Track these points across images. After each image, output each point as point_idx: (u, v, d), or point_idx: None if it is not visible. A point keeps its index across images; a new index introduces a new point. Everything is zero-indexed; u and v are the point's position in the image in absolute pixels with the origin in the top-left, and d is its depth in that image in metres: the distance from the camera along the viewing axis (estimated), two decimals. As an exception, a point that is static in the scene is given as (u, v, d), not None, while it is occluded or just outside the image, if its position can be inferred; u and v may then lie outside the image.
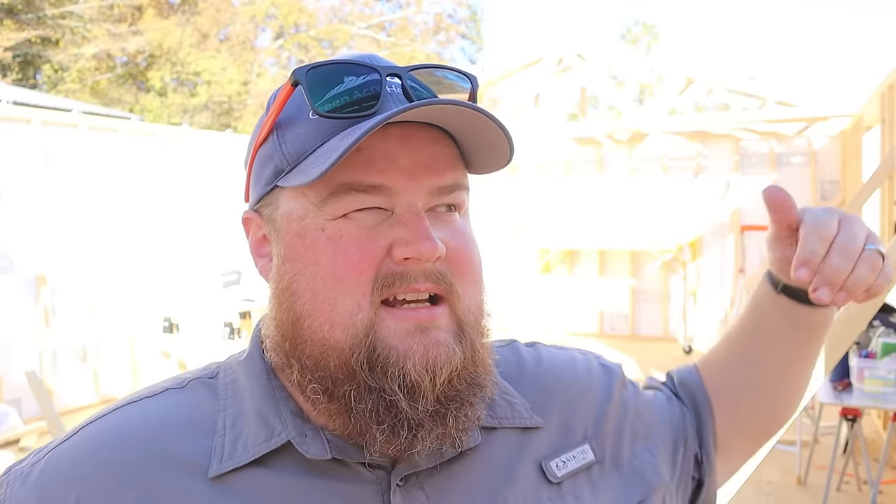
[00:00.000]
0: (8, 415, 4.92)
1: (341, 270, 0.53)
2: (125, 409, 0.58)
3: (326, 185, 0.53)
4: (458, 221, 0.58)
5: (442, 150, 0.56)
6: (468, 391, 0.55)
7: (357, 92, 0.54)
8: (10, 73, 16.90)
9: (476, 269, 0.58)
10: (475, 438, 0.60)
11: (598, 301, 8.67)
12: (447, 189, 0.56)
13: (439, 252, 0.52)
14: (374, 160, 0.53)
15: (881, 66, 8.10)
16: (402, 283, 0.53)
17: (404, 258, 0.52)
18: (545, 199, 8.79)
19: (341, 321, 0.52)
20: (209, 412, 0.58)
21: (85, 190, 5.85)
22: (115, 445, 0.55)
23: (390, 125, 0.53)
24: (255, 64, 20.80)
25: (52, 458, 0.55)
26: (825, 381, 3.35)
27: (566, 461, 0.64)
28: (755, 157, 7.88)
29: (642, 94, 16.85)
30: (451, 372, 0.53)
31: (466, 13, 24.10)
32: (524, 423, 0.64)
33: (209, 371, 0.63)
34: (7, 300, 5.35)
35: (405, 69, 0.56)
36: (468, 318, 0.56)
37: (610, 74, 8.03)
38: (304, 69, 0.54)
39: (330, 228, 0.54)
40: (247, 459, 0.54)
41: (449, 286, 0.55)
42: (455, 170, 0.57)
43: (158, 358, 6.13)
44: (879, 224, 4.99)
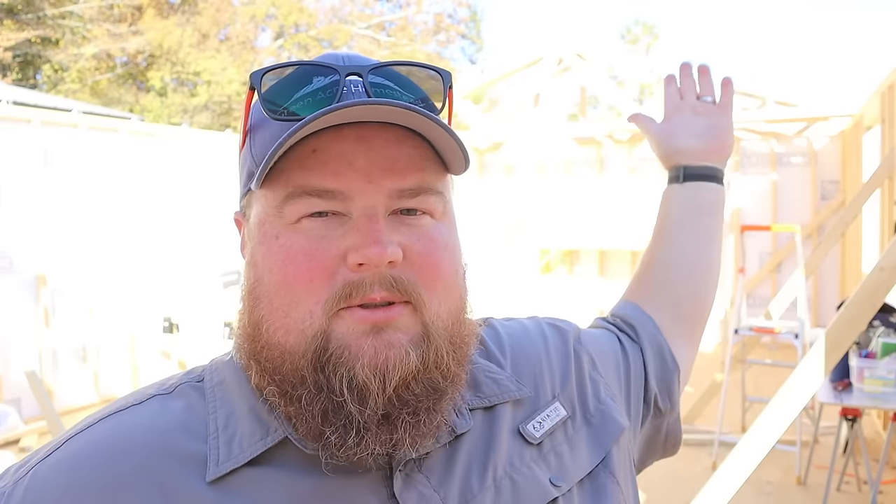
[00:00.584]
0: (8, 415, 4.92)
1: (291, 279, 0.52)
2: (112, 419, 0.56)
3: (283, 186, 0.53)
4: (428, 226, 0.55)
5: (406, 150, 0.54)
6: (426, 396, 0.53)
7: (320, 93, 0.53)
8: (10, 73, 16.90)
9: (446, 275, 0.56)
10: (468, 423, 0.61)
11: (598, 301, 8.67)
12: (409, 192, 0.54)
13: (389, 256, 0.51)
14: (329, 162, 0.52)
15: (881, 66, 8.09)
16: (359, 292, 0.51)
17: (357, 264, 0.51)
18: (545, 199, 8.79)
19: (294, 327, 0.52)
20: (200, 416, 0.56)
21: (85, 190, 5.85)
22: (104, 457, 0.53)
23: (346, 126, 0.53)
24: (255, 64, 20.80)
25: (38, 474, 0.52)
26: (825, 381, 3.35)
27: (541, 421, 0.65)
28: (755, 157, 7.88)
29: (642, 94, 16.86)
30: (403, 376, 0.51)
31: (466, 13, 24.12)
32: (513, 396, 0.65)
33: (194, 374, 0.62)
34: (7, 300, 5.35)
35: (367, 67, 0.55)
36: (436, 324, 0.54)
37: (610, 74, 8.03)
38: (259, 73, 0.54)
39: (283, 236, 0.53)
40: (244, 459, 0.53)
41: (408, 293, 0.53)
42: (421, 172, 0.54)
43: (158, 358, 6.13)
44: (879, 224, 4.99)
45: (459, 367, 0.57)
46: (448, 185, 0.59)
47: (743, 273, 4.81)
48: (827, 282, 7.46)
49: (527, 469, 0.61)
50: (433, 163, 0.56)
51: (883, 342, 3.43)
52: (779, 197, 7.75)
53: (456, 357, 0.56)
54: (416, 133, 0.55)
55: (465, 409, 0.62)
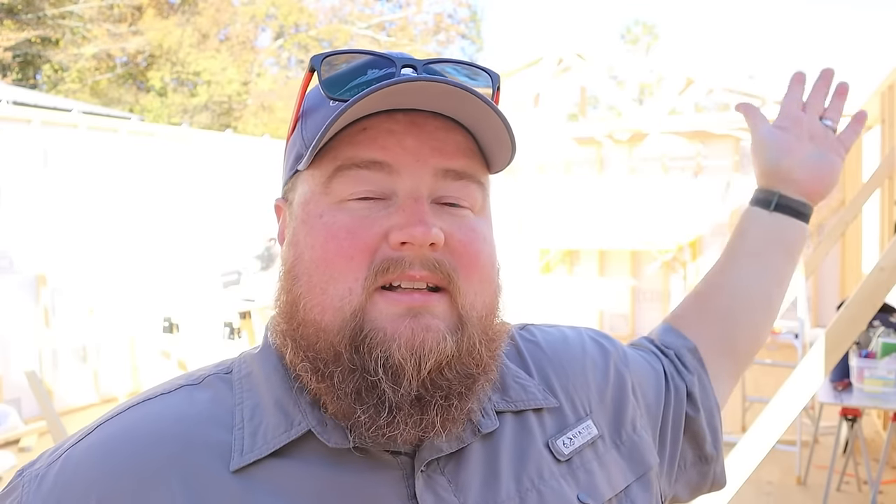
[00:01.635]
0: (8, 415, 4.92)
1: (331, 256, 0.53)
2: (142, 407, 0.57)
3: (331, 161, 0.54)
4: (469, 217, 0.57)
5: (454, 137, 0.55)
6: (459, 382, 0.53)
7: (375, 83, 0.54)
8: (10, 73, 16.90)
9: (484, 267, 0.56)
10: (493, 423, 0.60)
11: (598, 301, 8.67)
12: (454, 174, 0.55)
13: (433, 237, 0.51)
14: (379, 138, 0.53)
15: (881, 66, 8.09)
16: (397, 268, 0.52)
17: (400, 242, 0.52)
18: (545, 199, 8.79)
19: (331, 305, 0.52)
20: (227, 406, 0.57)
21: (85, 190, 5.85)
22: (133, 444, 0.54)
23: (399, 111, 0.54)
24: (255, 64, 20.80)
25: (70, 459, 0.54)
26: (825, 381, 3.35)
27: (572, 437, 0.64)
28: (755, 157, 7.88)
29: (642, 94, 16.85)
30: (439, 360, 0.52)
31: (466, 13, 24.12)
32: (539, 404, 0.64)
33: (224, 367, 0.63)
34: (7, 300, 5.35)
35: (422, 61, 0.56)
36: (471, 315, 0.54)
37: (610, 74, 8.02)
38: (319, 57, 0.55)
39: (327, 214, 0.54)
40: (267, 451, 0.54)
41: (447, 277, 0.53)
42: (467, 158, 0.56)
43: (158, 358, 6.14)
44: (879, 224, 4.99)
45: (491, 358, 0.57)
46: (488, 183, 0.60)
47: (743, 273, 4.81)
48: (827, 282, 7.46)
49: (555, 483, 0.60)
50: (477, 156, 0.57)
51: (883, 342, 3.43)
52: (779, 197, 7.74)
53: (489, 348, 0.56)
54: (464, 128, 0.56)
55: (492, 409, 0.62)
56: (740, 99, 7.45)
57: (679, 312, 0.87)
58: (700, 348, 0.81)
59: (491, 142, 0.56)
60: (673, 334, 0.84)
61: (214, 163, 6.94)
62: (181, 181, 6.61)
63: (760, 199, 0.86)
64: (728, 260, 0.86)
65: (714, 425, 0.79)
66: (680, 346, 0.82)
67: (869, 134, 6.16)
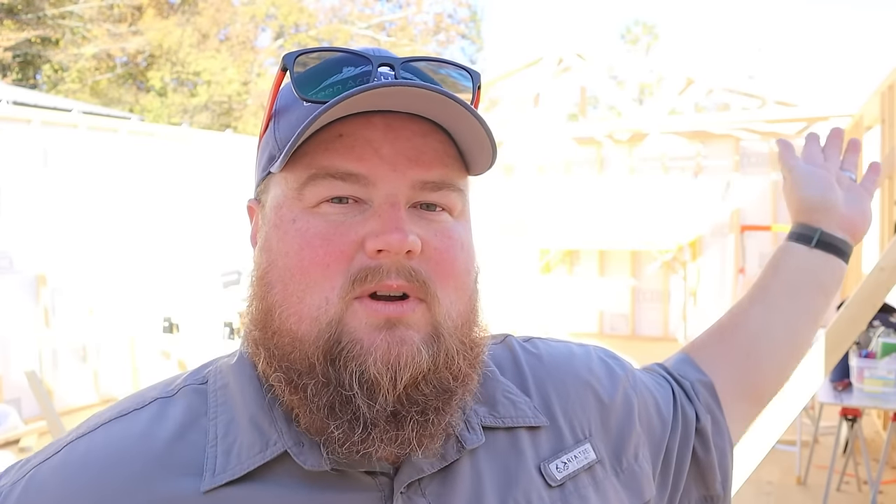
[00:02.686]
0: (8, 415, 4.92)
1: (307, 264, 0.51)
2: (111, 425, 0.56)
3: (305, 168, 0.52)
4: (447, 223, 0.55)
5: (431, 143, 0.53)
6: (435, 396, 0.52)
7: (350, 82, 0.53)
8: (10, 73, 16.90)
9: (459, 275, 0.54)
10: (478, 438, 0.58)
11: (598, 301, 8.67)
12: (432, 185, 0.53)
13: (409, 244, 0.50)
14: (356, 147, 0.52)
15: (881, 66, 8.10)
16: (375, 277, 0.50)
17: (376, 250, 0.50)
18: (545, 199, 8.79)
19: (308, 314, 0.51)
20: (200, 421, 0.55)
21: (85, 190, 5.84)
22: (98, 466, 0.52)
23: (376, 115, 0.52)
24: (255, 64, 20.80)
25: (34, 480, 0.52)
26: (825, 381, 3.35)
27: (567, 462, 0.62)
28: (755, 157, 7.88)
29: (642, 94, 16.85)
30: (414, 374, 0.50)
31: (466, 13, 24.11)
32: (528, 423, 0.62)
33: (200, 376, 0.60)
34: (7, 300, 5.35)
35: (399, 60, 0.54)
36: (447, 324, 0.53)
37: (610, 74, 8.02)
38: (293, 55, 0.53)
39: (300, 220, 0.53)
40: (241, 472, 0.52)
41: (424, 286, 0.52)
42: (445, 167, 0.54)
43: (158, 358, 6.13)
44: (879, 224, 4.99)
45: (471, 368, 0.55)
46: (467, 186, 0.58)
47: (743, 273, 4.81)
48: (827, 282, 7.45)
49: None
50: (456, 161, 0.55)
51: (883, 342, 3.43)
52: (779, 197, 7.75)
53: (467, 358, 0.55)
54: (442, 130, 0.55)
55: (478, 424, 0.60)
56: (740, 99, 7.45)
57: (699, 344, 0.83)
58: (716, 385, 0.78)
59: (471, 145, 0.54)
60: (690, 366, 0.80)
61: (214, 163, 6.94)
62: (181, 181, 6.61)
63: (801, 235, 0.83)
64: (757, 296, 0.82)
65: (725, 466, 0.76)
66: (695, 379, 0.78)
67: (869, 134, 6.16)
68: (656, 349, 7.79)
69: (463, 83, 0.57)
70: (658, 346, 8.01)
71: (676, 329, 8.18)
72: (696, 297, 8.12)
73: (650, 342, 8.25)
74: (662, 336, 8.34)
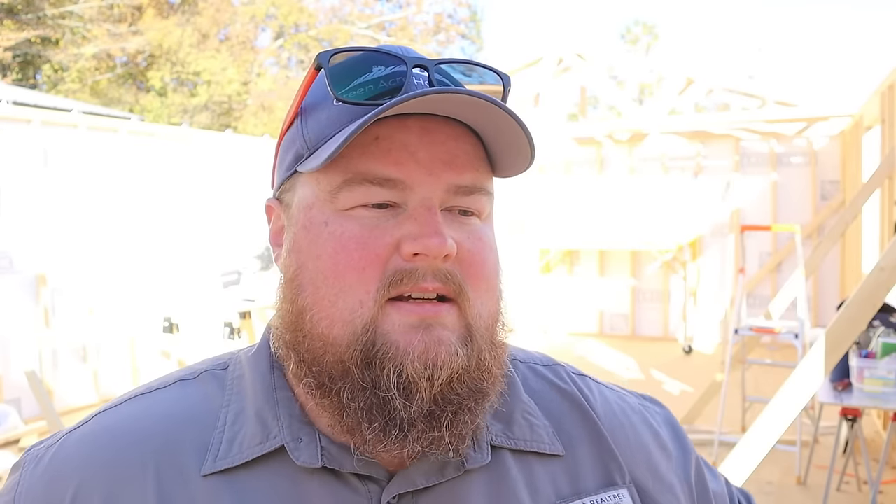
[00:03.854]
0: (8, 415, 4.91)
1: (342, 268, 0.51)
2: (136, 401, 0.59)
3: (341, 172, 0.52)
4: (477, 225, 0.56)
5: (464, 147, 0.54)
6: (468, 396, 0.52)
7: (382, 82, 0.53)
8: (10, 73, 16.90)
9: (490, 276, 0.55)
10: (483, 458, 0.56)
11: (598, 301, 8.67)
12: (465, 189, 0.54)
13: (448, 249, 0.50)
14: (392, 151, 0.52)
15: (881, 66, 8.10)
16: (411, 280, 0.51)
17: (413, 254, 0.50)
18: (545, 199, 8.79)
19: (341, 318, 0.51)
20: (214, 407, 0.58)
21: (85, 190, 5.84)
22: (119, 439, 0.56)
23: (411, 117, 0.52)
24: (255, 64, 20.80)
25: (64, 445, 0.57)
26: (825, 381, 3.35)
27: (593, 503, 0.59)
28: (755, 157, 7.88)
29: (642, 94, 16.86)
30: (451, 374, 0.51)
31: (466, 13, 24.11)
32: (543, 449, 0.60)
33: (221, 362, 0.63)
34: (7, 300, 5.35)
35: (433, 62, 0.54)
36: (478, 325, 0.53)
37: (610, 74, 8.02)
38: (327, 54, 0.53)
39: (333, 223, 0.53)
40: (240, 460, 0.54)
41: (458, 288, 0.52)
42: (476, 171, 0.55)
43: (158, 358, 6.13)
44: (879, 224, 4.99)
45: (499, 369, 0.56)
46: (494, 189, 0.59)
47: (743, 273, 4.81)
48: (827, 282, 7.46)
49: None
50: (485, 163, 0.56)
51: (883, 342, 3.43)
52: (779, 197, 7.75)
53: (496, 359, 0.55)
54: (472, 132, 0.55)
55: (486, 442, 0.57)
56: (740, 99, 7.45)
57: None
58: None
59: (502, 148, 0.55)
60: None
61: (214, 163, 6.94)
62: (181, 181, 6.61)
63: None
64: None
65: None
66: None
67: (869, 134, 6.16)
68: (656, 349, 7.79)
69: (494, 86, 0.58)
70: (658, 346, 8.01)
71: (676, 329, 8.18)
72: (696, 297, 8.12)
73: (650, 342, 8.25)
74: (662, 336, 8.34)
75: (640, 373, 6.75)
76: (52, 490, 0.54)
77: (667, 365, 7.06)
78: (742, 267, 4.85)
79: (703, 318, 8.12)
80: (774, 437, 2.69)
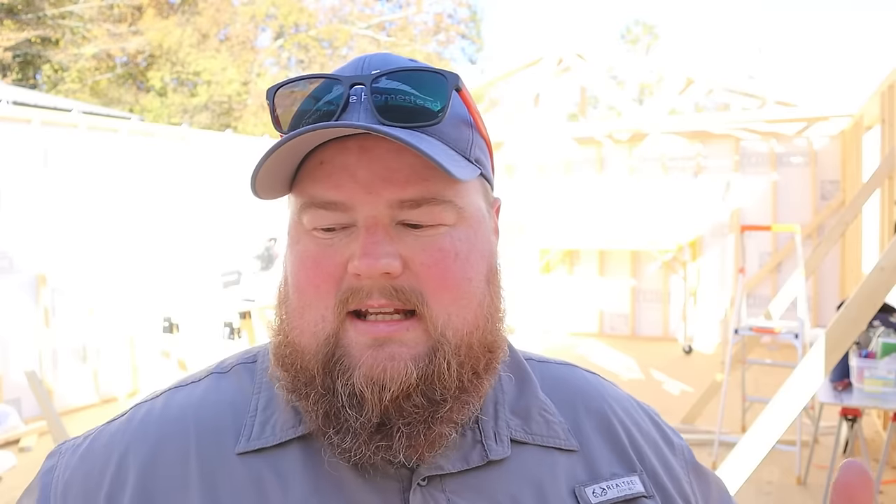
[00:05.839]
0: (8, 415, 4.92)
1: (303, 285, 0.55)
2: (172, 393, 0.64)
3: (299, 195, 0.56)
4: (436, 235, 0.54)
5: (407, 161, 0.53)
6: (424, 409, 0.53)
7: (324, 106, 0.55)
8: (10, 73, 16.90)
9: (455, 285, 0.54)
10: (504, 451, 0.59)
11: (598, 301, 8.67)
12: (411, 203, 0.53)
13: (381, 268, 0.51)
14: (333, 174, 0.54)
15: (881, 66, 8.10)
16: (356, 298, 0.53)
17: (355, 274, 0.53)
18: (545, 199, 8.79)
19: (308, 329, 0.55)
20: (246, 395, 0.62)
21: (85, 190, 5.84)
22: (160, 423, 0.60)
23: (350, 138, 0.53)
24: (255, 64, 20.79)
25: (103, 433, 0.61)
26: (825, 381, 3.35)
27: (605, 489, 0.61)
28: (755, 157, 7.89)
29: (642, 94, 16.86)
30: (400, 389, 0.52)
31: (466, 13, 24.10)
32: (559, 444, 0.62)
33: (251, 355, 0.67)
34: (7, 300, 5.35)
35: (370, 76, 0.54)
36: (445, 336, 0.54)
37: (610, 74, 8.03)
38: (272, 89, 0.57)
39: (301, 242, 0.57)
40: (273, 441, 0.57)
41: (411, 302, 0.53)
42: (425, 181, 0.53)
43: (158, 358, 6.13)
44: (879, 224, 4.99)
45: (476, 377, 0.56)
46: (463, 191, 0.56)
47: (743, 273, 4.80)
48: (827, 282, 7.46)
49: None
50: (437, 172, 0.54)
51: (883, 342, 3.43)
52: (779, 197, 7.75)
53: (473, 368, 0.56)
54: None
55: (507, 436, 0.61)
56: (740, 99, 7.45)
57: None
58: None
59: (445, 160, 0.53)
60: None
61: (214, 163, 6.94)
62: (181, 181, 6.61)
63: None
64: None
65: None
66: None
67: (869, 134, 6.16)
68: (656, 349, 7.79)
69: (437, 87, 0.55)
70: (658, 346, 8.01)
71: (676, 329, 8.18)
72: (696, 297, 8.12)
73: (650, 342, 8.25)
74: (662, 336, 8.34)
75: (640, 373, 6.75)
76: (92, 469, 0.58)
77: (667, 365, 7.06)
78: (742, 267, 4.84)
79: (703, 318, 8.12)
80: (774, 437, 2.69)
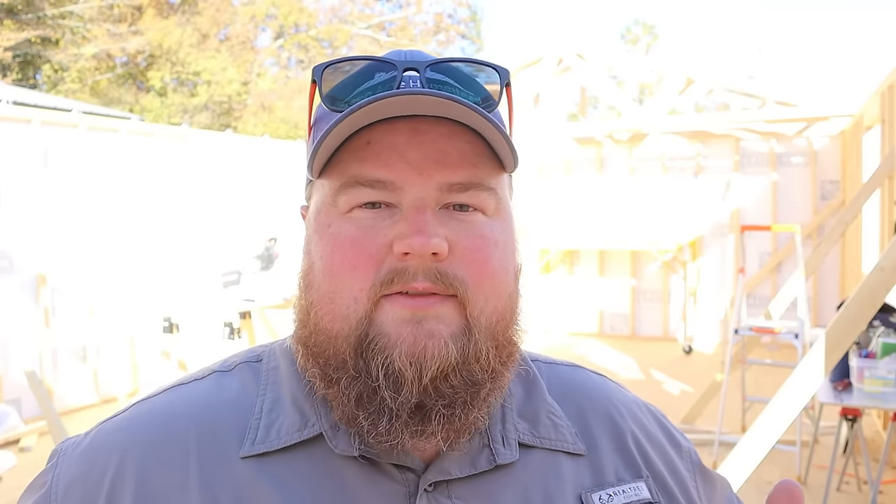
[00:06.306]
0: (8, 415, 4.91)
1: (337, 267, 0.54)
2: (174, 391, 0.62)
3: (339, 176, 0.55)
4: (479, 222, 0.55)
5: (458, 145, 0.54)
6: (463, 390, 0.53)
7: (378, 88, 0.55)
8: (10, 73, 16.90)
9: (494, 272, 0.55)
10: (512, 454, 0.59)
11: (598, 301, 8.67)
12: (459, 186, 0.54)
13: (432, 247, 0.51)
14: (382, 153, 0.53)
15: (881, 66, 8.10)
16: (401, 279, 0.52)
17: (402, 253, 0.52)
18: (545, 199, 8.79)
19: (339, 313, 0.54)
20: (250, 395, 0.60)
21: (85, 190, 5.84)
22: (160, 423, 0.58)
23: (401, 120, 0.54)
24: (255, 64, 20.79)
25: (103, 429, 0.60)
26: (825, 381, 3.35)
27: (612, 495, 0.60)
28: (755, 157, 7.89)
29: (642, 94, 16.86)
30: (441, 367, 0.51)
31: (466, 13, 24.12)
32: (566, 448, 0.62)
33: (255, 354, 0.65)
34: (7, 300, 5.35)
35: (424, 63, 0.55)
36: (479, 321, 0.54)
37: (610, 74, 8.03)
38: (320, 67, 0.55)
39: (335, 225, 0.55)
40: (278, 445, 0.56)
41: (453, 287, 0.53)
42: (473, 167, 0.55)
43: (158, 358, 6.13)
44: (879, 224, 4.99)
45: (503, 366, 0.56)
46: (503, 183, 0.58)
47: (743, 273, 4.81)
48: (827, 282, 7.46)
49: None
50: (487, 159, 0.56)
51: (883, 342, 3.43)
52: (779, 197, 7.75)
53: (499, 356, 0.56)
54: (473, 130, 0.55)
55: (515, 440, 0.60)
56: (740, 99, 7.45)
57: None
58: None
59: (498, 146, 0.55)
60: None
61: (214, 163, 6.94)
62: (181, 181, 6.61)
63: None
64: None
65: None
66: None
67: (869, 134, 6.16)
68: (656, 349, 7.79)
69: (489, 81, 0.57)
70: (658, 346, 8.01)
71: (676, 329, 8.18)
72: (696, 297, 8.12)
73: (650, 342, 8.25)
74: (662, 336, 8.34)
75: (640, 373, 6.75)
76: (92, 469, 0.56)
77: (667, 365, 7.06)
78: (742, 267, 4.85)
79: (703, 318, 8.12)
80: (774, 437, 2.69)
